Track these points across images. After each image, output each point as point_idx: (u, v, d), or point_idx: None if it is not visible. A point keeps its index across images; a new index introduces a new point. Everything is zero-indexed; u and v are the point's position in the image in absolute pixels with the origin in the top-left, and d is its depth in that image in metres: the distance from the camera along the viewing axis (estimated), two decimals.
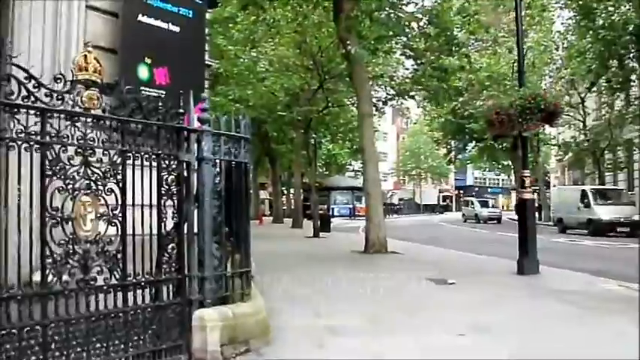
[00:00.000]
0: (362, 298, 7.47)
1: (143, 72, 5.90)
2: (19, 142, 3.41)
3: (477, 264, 11.97)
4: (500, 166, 50.82)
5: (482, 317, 6.19)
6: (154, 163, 4.17)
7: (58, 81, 3.61)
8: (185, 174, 4.40)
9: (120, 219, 3.91)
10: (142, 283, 4.05)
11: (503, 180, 78.73)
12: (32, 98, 3.47)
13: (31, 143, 3.46)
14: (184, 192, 4.38)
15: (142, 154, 4.08)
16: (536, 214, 16.34)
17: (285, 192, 43.29)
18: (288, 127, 29.73)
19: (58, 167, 3.58)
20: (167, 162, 4.26)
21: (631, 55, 23.18)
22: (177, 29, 6.26)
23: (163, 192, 4.23)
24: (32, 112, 3.48)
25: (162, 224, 4.19)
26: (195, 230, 4.49)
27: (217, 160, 4.69)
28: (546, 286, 8.53)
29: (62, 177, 3.60)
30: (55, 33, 5.21)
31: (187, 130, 4.42)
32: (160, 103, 4.26)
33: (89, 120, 3.77)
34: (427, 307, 6.98)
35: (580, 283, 8.86)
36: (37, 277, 3.52)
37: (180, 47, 6.25)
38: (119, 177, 3.92)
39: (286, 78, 23.42)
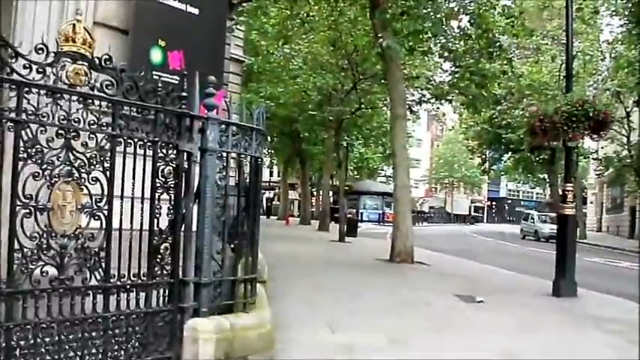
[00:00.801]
0: (382, 312, 6.90)
1: (156, 55, 5.45)
2: None
3: (508, 281, 11.22)
4: (535, 179, 49.37)
5: (514, 343, 5.60)
6: (149, 152, 3.69)
7: (40, 52, 3.15)
8: (185, 165, 3.90)
9: (105, 212, 3.44)
10: (128, 286, 3.58)
11: (537, 194, 76.75)
12: (7, 69, 3.02)
13: (4, 120, 3.03)
14: (183, 186, 3.89)
15: (136, 140, 3.61)
16: None
17: (315, 193, 42.89)
18: (320, 127, 29.31)
19: (34, 150, 3.14)
20: (165, 151, 3.78)
21: None
22: (195, 11, 5.80)
23: (158, 184, 3.75)
24: (6, 85, 3.03)
25: (156, 221, 3.72)
26: (194, 229, 4.00)
27: (224, 152, 4.20)
28: (586, 312, 7.78)
29: (39, 161, 3.16)
30: (61, 15, 4.75)
31: (190, 117, 3.92)
32: (160, 85, 3.78)
33: (74, 98, 3.30)
34: (453, 326, 6.38)
35: (623, 310, 8.09)
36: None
37: (198, 31, 5.79)
38: (107, 165, 3.46)
39: (319, 76, 22.95)
